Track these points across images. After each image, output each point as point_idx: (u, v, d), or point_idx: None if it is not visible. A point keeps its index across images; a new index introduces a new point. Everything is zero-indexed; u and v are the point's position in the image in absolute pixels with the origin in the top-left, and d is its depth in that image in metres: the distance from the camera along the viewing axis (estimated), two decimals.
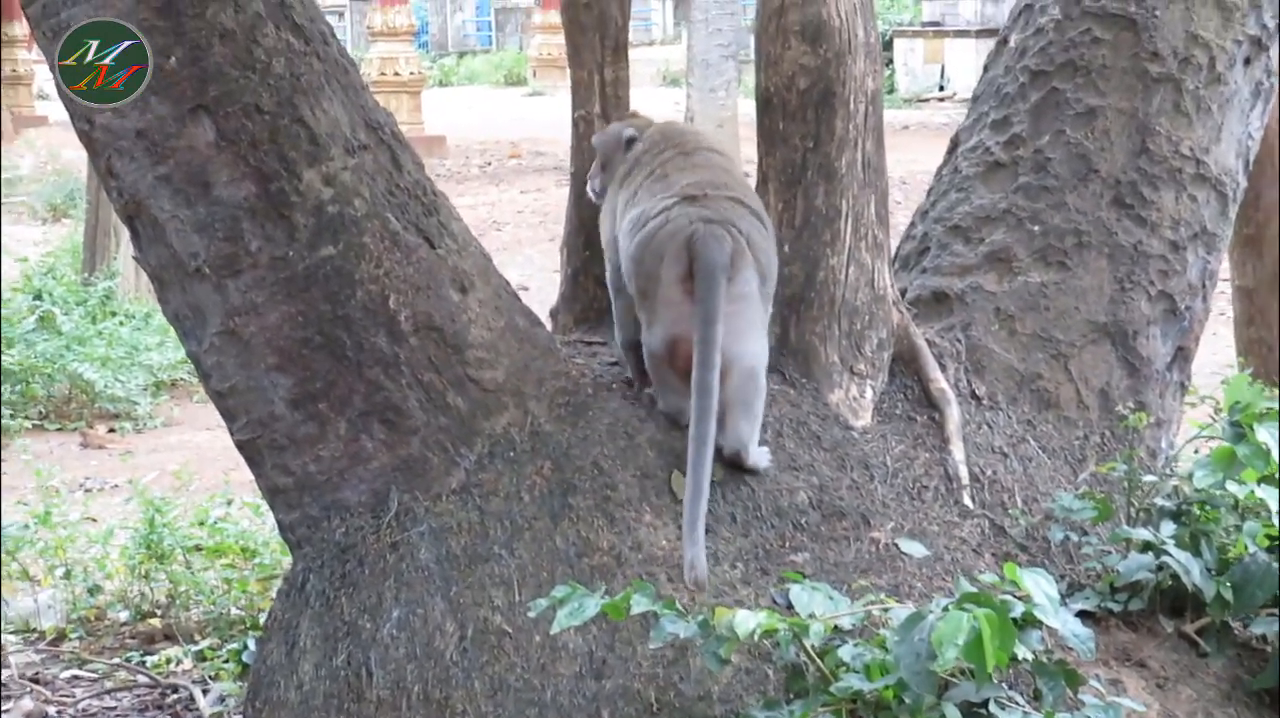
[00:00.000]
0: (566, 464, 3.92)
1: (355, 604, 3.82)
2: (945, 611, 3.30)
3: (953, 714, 3.37)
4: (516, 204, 18.11)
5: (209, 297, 3.81)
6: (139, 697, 5.07)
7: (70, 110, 3.84)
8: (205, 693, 4.99)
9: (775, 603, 3.75)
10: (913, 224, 4.82)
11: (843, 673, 3.45)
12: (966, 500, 4.19)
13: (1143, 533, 4.05)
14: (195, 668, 5.21)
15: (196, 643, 5.35)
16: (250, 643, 4.96)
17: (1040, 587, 3.42)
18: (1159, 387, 4.56)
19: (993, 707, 3.41)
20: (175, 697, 5.05)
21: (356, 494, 3.88)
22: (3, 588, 5.71)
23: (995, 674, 3.37)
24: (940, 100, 27.57)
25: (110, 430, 9.70)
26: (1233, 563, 4.05)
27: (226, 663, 5.14)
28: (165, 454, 8.89)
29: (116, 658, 5.35)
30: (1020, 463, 4.32)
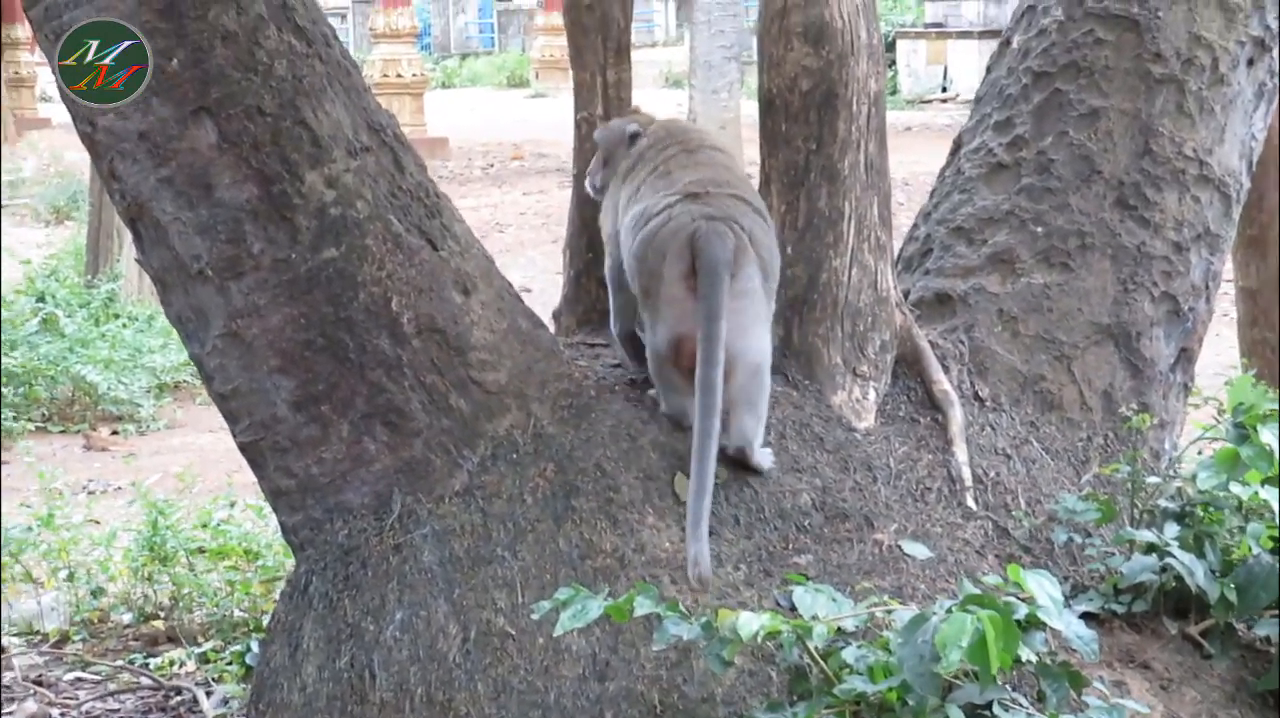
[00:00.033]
0: (569, 466, 3.92)
1: (358, 606, 3.82)
2: (949, 612, 3.29)
3: (956, 716, 3.36)
4: (519, 206, 18.11)
5: (211, 299, 3.80)
6: (142, 699, 5.07)
7: (73, 113, 3.84)
8: (208, 695, 4.98)
9: (778, 605, 3.75)
10: (915, 226, 4.82)
11: (846, 675, 3.45)
12: (970, 502, 4.18)
13: (1146, 535, 4.04)
14: (198, 670, 5.21)
15: (200, 645, 5.35)
16: (253, 645, 4.95)
17: (1044, 589, 3.42)
18: (1162, 388, 4.56)
19: (996, 709, 3.41)
20: (178, 699, 5.04)
21: (359, 496, 3.88)
22: (6, 590, 5.71)
23: (999, 676, 3.36)
24: (943, 102, 27.55)
25: (113, 433, 9.70)
26: (1236, 565, 4.05)
27: (230, 665, 5.14)
28: (168, 456, 8.89)
29: (120, 660, 5.34)
30: (1023, 464, 4.32)
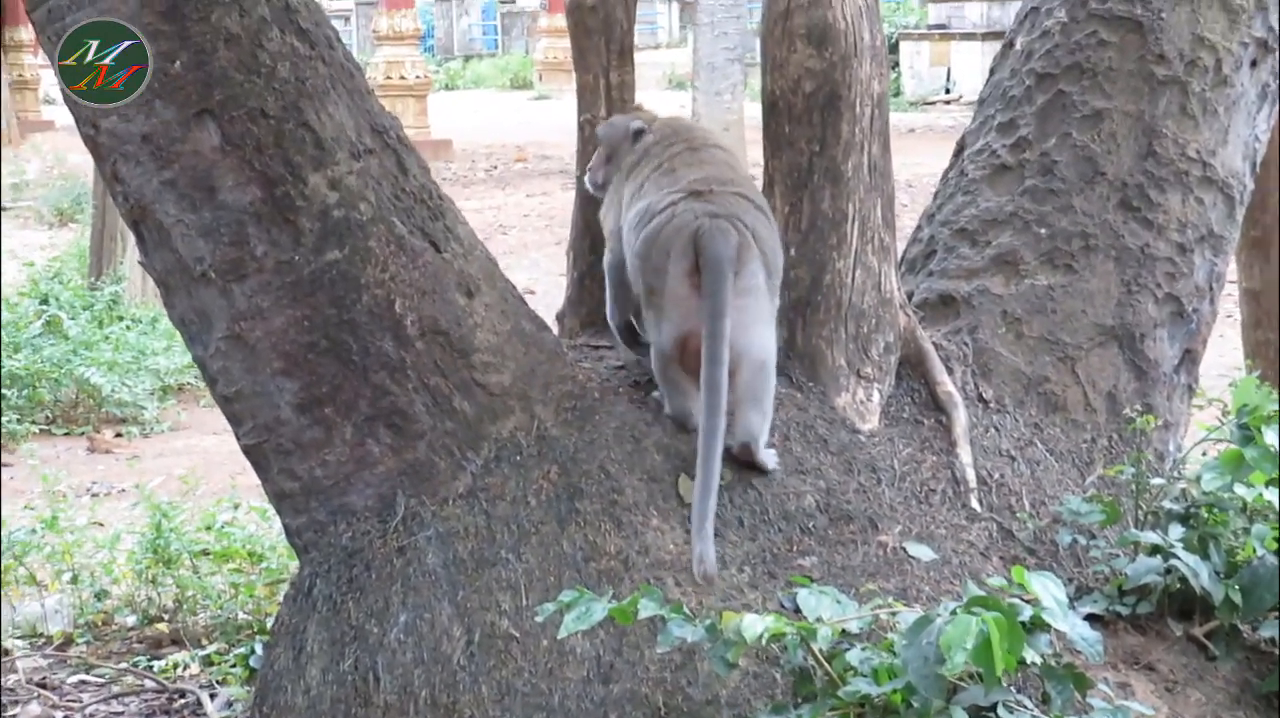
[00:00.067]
0: (573, 468, 3.91)
1: (362, 609, 3.82)
2: (953, 614, 3.29)
3: None
4: (522, 208, 18.10)
5: (215, 301, 3.80)
6: (146, 702, 5.06)
7: (76, 115, 3.84)
8: (212, 698, 4.97)
9: (783, 607, 3.74)
10: (919, 227, 4.82)
11: (850, 677, 3.44)
12: (974, 504, 4.18)
13: (1151, 536, 4.04)
14: (202, 673, 5.20)
15: (204, 648, 5.34)
16: (257, 648, 4.95)
17: (1048, 590, 3.41)
18: (1166, 389, 4.55)
19: (1001, 711, 3.40)
20: (182, 702, 5.04)
21: (363, 499, 3.88)
22: (11, 593, 5.71)
23: (1003, 678, 3.36)
24: (946, 103, 27.53)
25: (117, 435, 9.69)
26: (1241, 566, 4.04)
27: (234, 668, 5.13)
28: (172, 459, 8.88)
29: (124, 663, 5.33)
30: (1028, 466, 4.32)
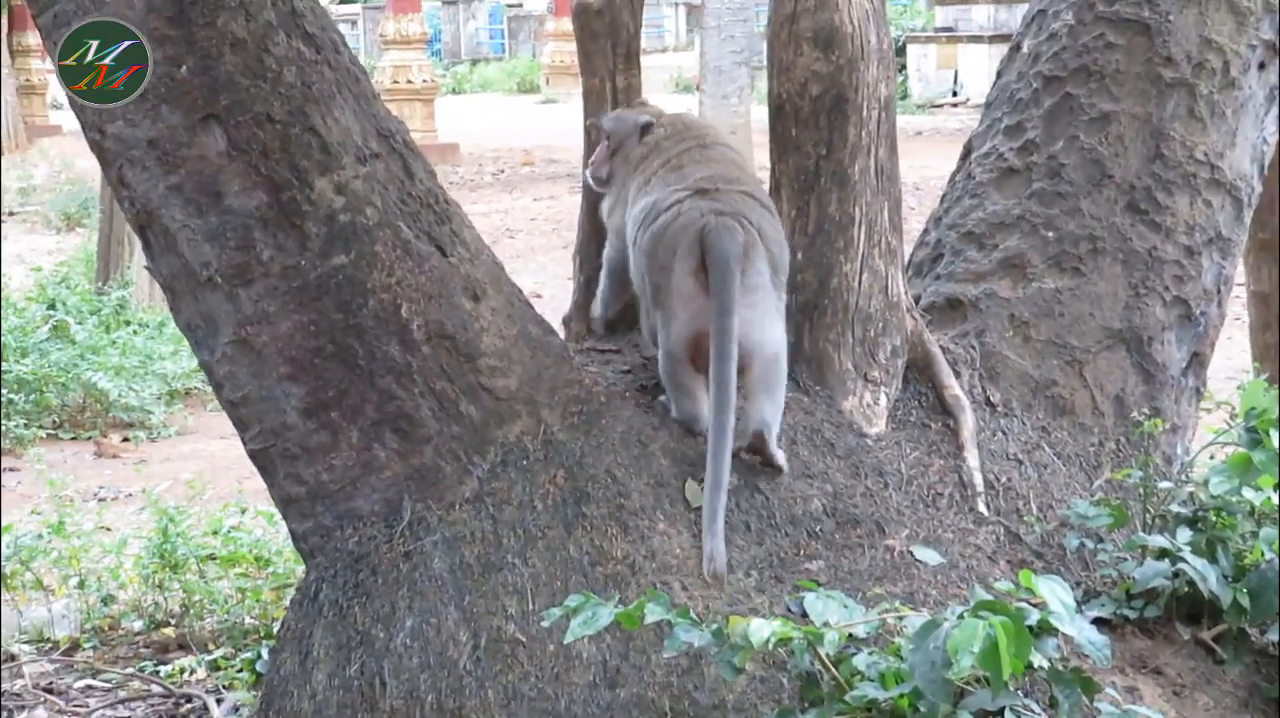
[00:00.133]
0: (580, 473, 3.91)
1: (368, 614, 3.81)
2: (960, 618, 3.28)
3: None
4: (529, 212, 18.11)
5: (221, 306, 3.80)
6: (152, 707, 5.06)
7: (82, 120, 3.84)
8: (219, 703, 4.97)
9: (790, 611, 3.74)
10: (926, 230, 4.81)
11: (858, 682, 3.44)
12: (981, 508, 4.17)
13: (1159, 540, 4.03)
14: (209, 678, 5.20)
15: (210, 653, 5.34)
16: (264, 652, 4.94)
17: (1056, 594, 3.41)
18: (1174, 392, 4.54)
19: (1008, 715, 3.40)
20: (189, 707, 5.04)
21: (369, 503, 3.87)
22: (18, 597, 5.71)
23: (1011, 682, 3.35)
24: (953, 106, 27.54)
25: (124, 440, 9.71)
26: (1249, 570, 4.04)
27: (240, 673, 5.13)
28: (179, 463, 8.89)
29: (130, 668, 5.34)
30: (1035, 470, 4.31)
